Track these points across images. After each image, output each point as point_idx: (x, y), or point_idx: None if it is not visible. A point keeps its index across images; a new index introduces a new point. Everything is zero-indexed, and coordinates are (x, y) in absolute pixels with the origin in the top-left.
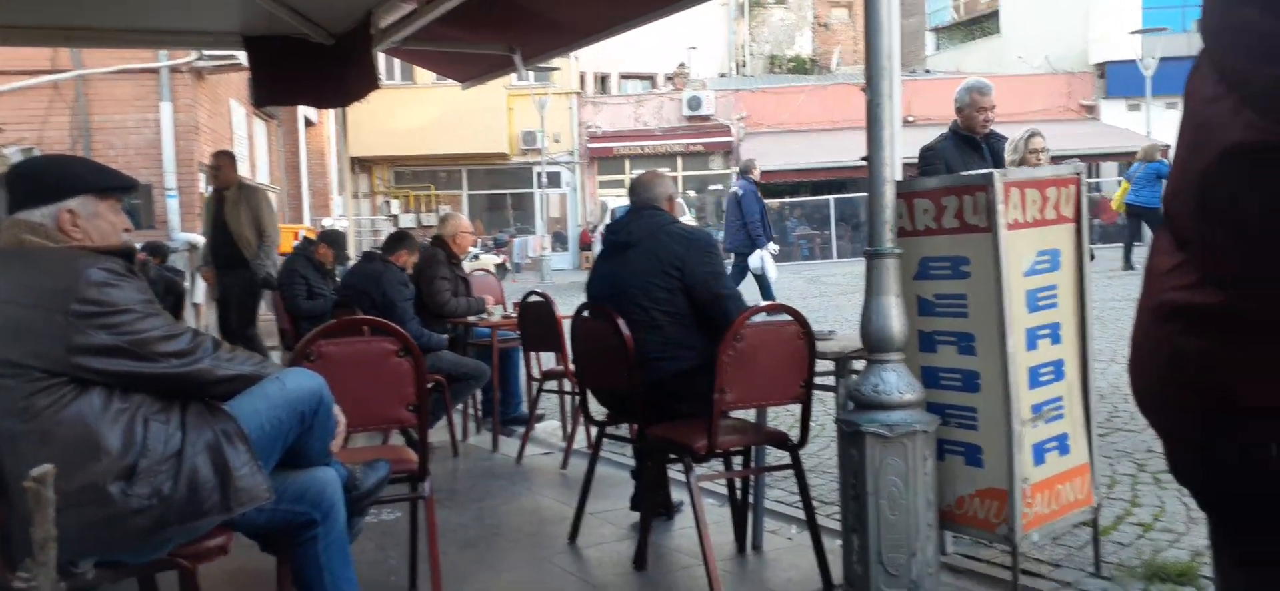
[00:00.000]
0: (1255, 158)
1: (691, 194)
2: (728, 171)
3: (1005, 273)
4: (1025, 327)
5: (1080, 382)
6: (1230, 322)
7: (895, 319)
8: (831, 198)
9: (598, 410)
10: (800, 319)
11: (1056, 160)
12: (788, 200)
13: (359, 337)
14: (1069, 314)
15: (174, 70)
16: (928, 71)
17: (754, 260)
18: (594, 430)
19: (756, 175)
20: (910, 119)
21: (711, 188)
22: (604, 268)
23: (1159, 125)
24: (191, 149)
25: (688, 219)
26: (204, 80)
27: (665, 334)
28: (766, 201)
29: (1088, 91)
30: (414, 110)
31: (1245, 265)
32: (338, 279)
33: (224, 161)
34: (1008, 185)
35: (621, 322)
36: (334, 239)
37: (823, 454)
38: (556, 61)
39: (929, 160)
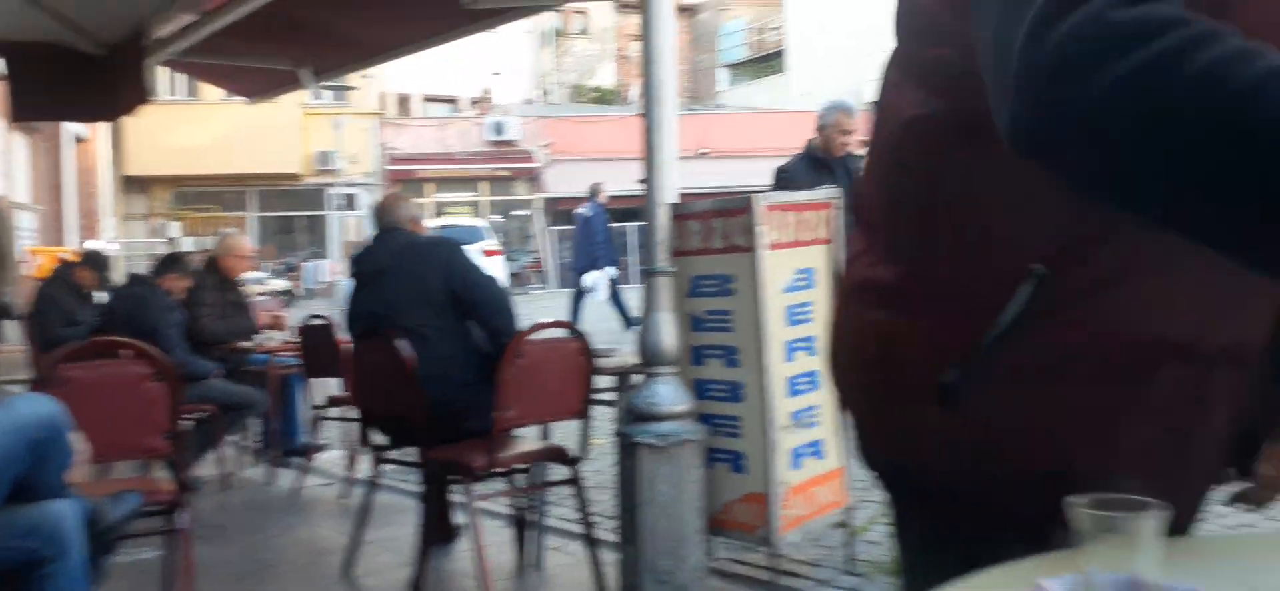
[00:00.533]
0: (922, 130)
1: (497, 219)
2: (532, 197)
3: (765, 289)
4: (784, 340)
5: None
6: (905, 295)
7: (667, 334)
8: (633, 225)
9: (380, 436)
10: (580, 335)
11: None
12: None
13: (108, 361)
14: (824, 327)
15: None
16: (721, 106)
17: (588, 279)
18: (375, 457)
19: (604, 197)
20: (706, 152)
21: (514, 213)
22: (362, 299)
23: None
24: None
25: (491, 244)
26: None
27: (438, 351)
28: (555, 229)
29: (864, 127)
30: (198, 127)
31: (918, 237)
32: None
33: None
34: (768, 208)
35: (402, 343)
36: (96, 261)
37: (612, 470)
38: (354, 80)
39: (781, 182)
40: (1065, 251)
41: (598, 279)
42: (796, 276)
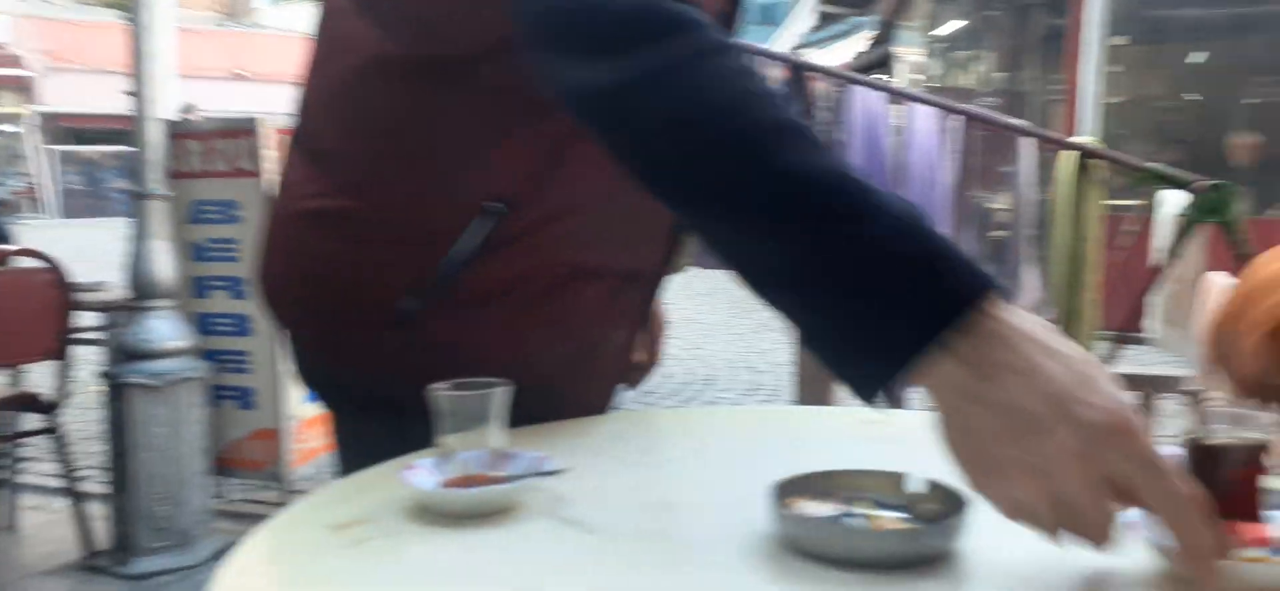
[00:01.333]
0: (384, 68)
1: None
2: (22, 110)
3: None
4: None
5: None
6: (362, 225)
7: (163, 264)
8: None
9: None
10: (53, 265)
11: None
12: (104, 148)
13: None
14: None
15: None
16: (258, 25)
17: None
18: None
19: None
20: (241, 73)
21: (3, 129)
22: None
23: None
24: None
25: None
26: None
27: None
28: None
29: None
30: None
31: (375, 171)
32: None
33: None
34: (279, 131)
35: None
36: None
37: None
38: None
39: None
40: (518, 191)
41: None
42: None
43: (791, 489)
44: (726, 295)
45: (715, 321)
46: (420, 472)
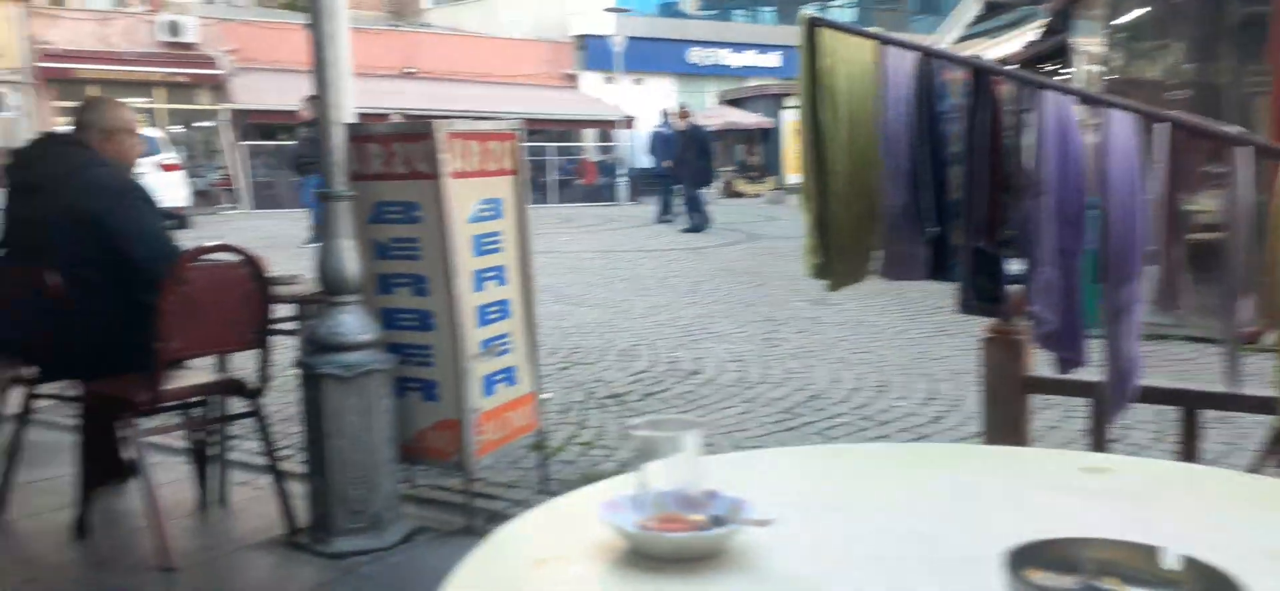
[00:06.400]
0: None
1: (177, 129)
2: (217, 107)
3: (451, 218)
4: (472, 270)
5: (525, 319)
6: None
7: (350, 262)
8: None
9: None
10: (253, 261)
11: (546, 124)
12: (285, 143)
13: None
14: (513, 258)
15: None
16: (426, 25)
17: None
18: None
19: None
20: (412, 70)
21: (198, 124)
22: (15, 211)
23: (628, 99)
24: None
25: (169, 157)
26: None
27: (96, 287)
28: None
29: (568, 61)
30: None
31: None
32: None
33: None
34: (450, 135)
35: (50, 276)
36: None
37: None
38: None
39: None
40: None
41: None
42: (482, 206)
43: (1029, 558)
44: (897, 295)
45: (884, 323)
46: (619, 510)
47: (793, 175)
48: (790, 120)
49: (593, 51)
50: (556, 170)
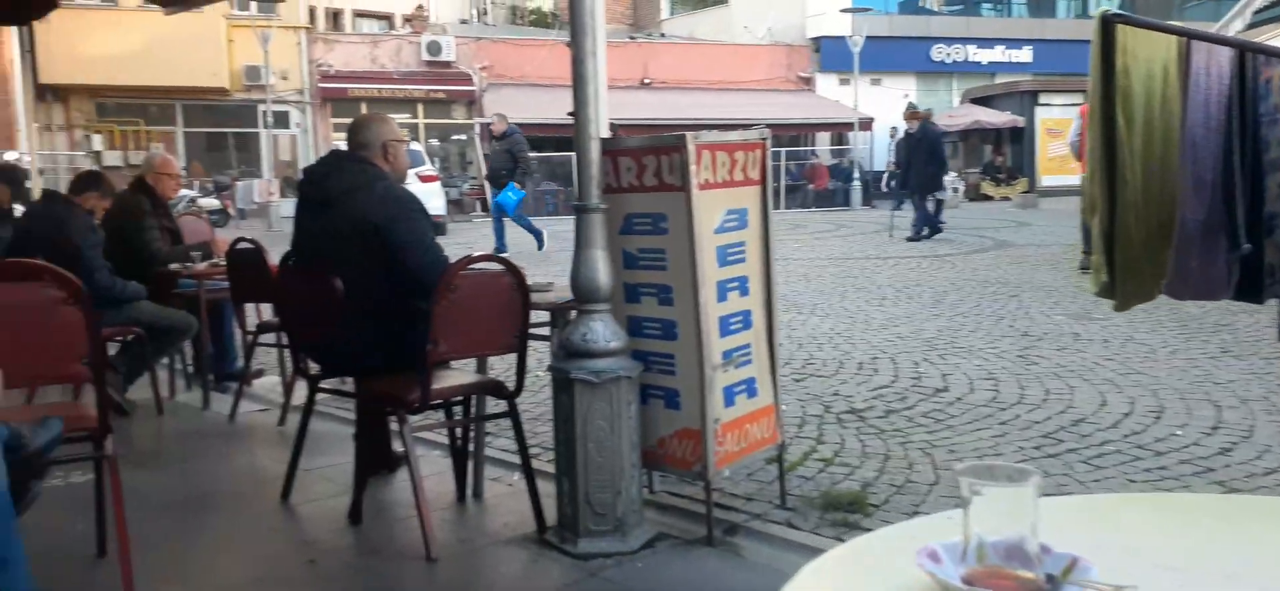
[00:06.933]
0: None
1: (434, 143)
2: (471, 121)
3: (697, 229)
4: (716, 280)
5: (767, 331)
6: None
7: (602, 271)
8: (574, 154)
9: (313, 364)
10: (514, 270)
11: (779, 128)
12: (532, 154)
13: (19, 285)
14: (757, 268)
15: None
16: (663, 35)
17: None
18: (309, 384)
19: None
20: (648, 81)
21: (455, 137)
22: (305, 223)
23: (864, 100)
24: None
25: (427, 169)
26: None
27: (374, 293)
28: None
29: (805, 64)
30: (116, 35)
31: None
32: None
33: None
34: (699, 147)
35: (335, 281)
36: (11, 176)
37: (550, 402)
38: None
39: None
40: None
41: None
42: (727, 216)
43: None
44: (1171, 311)
45: (1157, 342)
46: (941, 560)
47: (1046, 177)
48: (1044, 119)
49: (829, 53)
50: (786, 175)
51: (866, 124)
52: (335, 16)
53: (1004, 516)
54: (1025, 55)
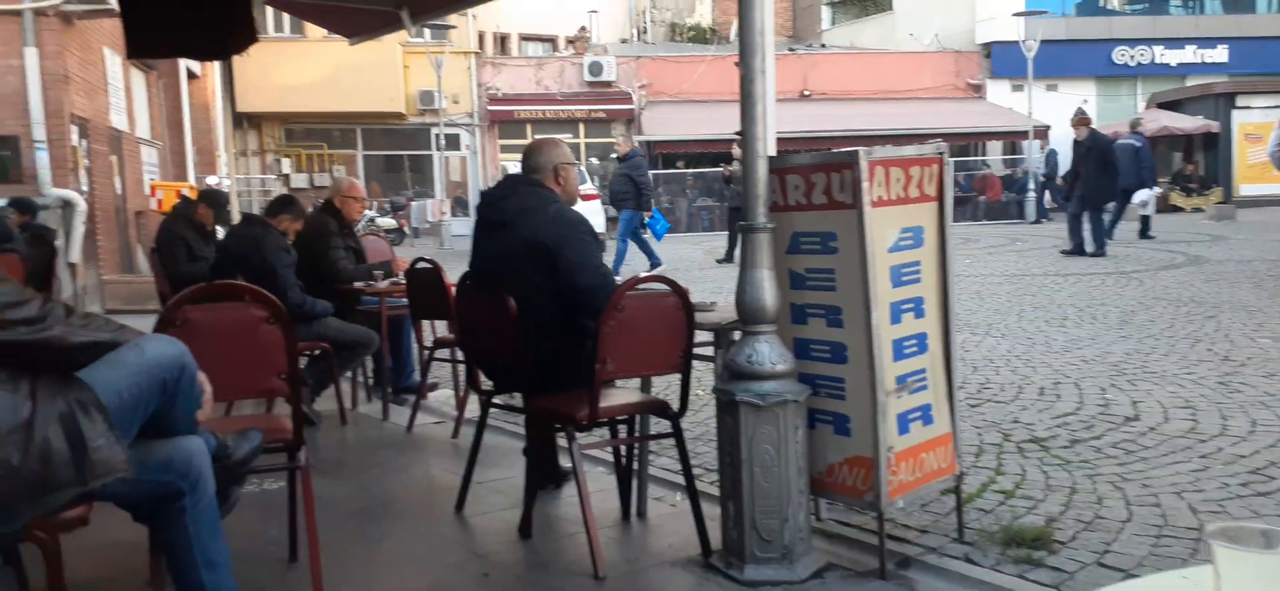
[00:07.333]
0: None
1: (594, 162)
2: (629, 141)
3: (870, 248)
4: (889, 302)
5: (943, 355)
6: None
7: (768, 292)
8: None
9: (486, 380)
10: (679, 290)
11: (946, 138)
12: (688, 170)
13: (225, 304)
14: (932, 289)
15: (38, 13)
16: (823, 46)
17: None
18: (482, 400)
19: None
20: (808, 93)
21: (613, 155)
22: (481, 245)
23: (1039, 106)
24: (61, 99)
25: (588, 188)
26: (72, 26)
27: (544, 312)
28: (653, 173)
29: (974, 71)
30: (303, 65)
31: None
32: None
33: None
34: (872, 164)
35: (508, 300)
36: (214, 199)
37: (711, 421)
38: (452, 19)
39: None
40: None
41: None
42: (902, 234)
43: None
44: None
45: None
46: None
47: (1245, 186)
48: (1242, 123)
49: (1000, 59)
50: (955, 186)
51: (1041, 132)
52: (502, 41)
53: (1258, 584)
54: (1220, 55)
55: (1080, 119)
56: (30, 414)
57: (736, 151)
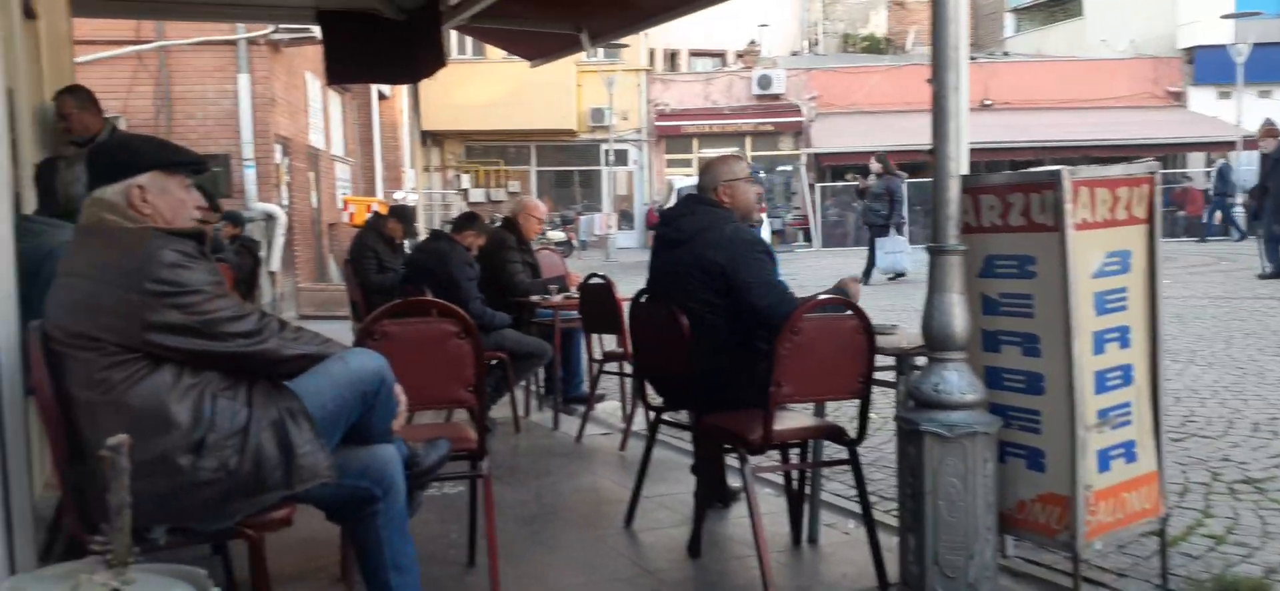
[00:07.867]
0: None
1: (761, 175)
2: (798, 152)
3: (1072, 273)
4: (1092, 331)
5: (1150, 388)
6: None
7: (958, 317)
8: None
9: (655, 396)
10: (860, 313)
11: (1141, 150)
12: (857, 183)
13: (420, 319)
14: (1139, 317)
15: (251, 43)
16: (1006, 54)
17: None
18: (652, 414)
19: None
20: (989, 102)
21: (780, 169)
22: (658, 261)
23: (1251, 114)
24: (268, 121)
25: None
26: (280, 53)
27: (718, 330)
28: (820, 186)
29: (1175, 78)
30: (484, 85)
31: None
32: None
33: (71, 104)
34: (1076, 183)
35: (682, 317)
36: (403, 214)
37: (886, 447)
38: (625, 39)
39: None
40: None
41: None
42: (1108, 259)
43: None
44: None
45: None
46: None
47: None
48: None
49: (1205, 64)
50: None
51: (1252, 143)
52: (672, 57)
53: None
54: None
55: (1268, 130)
56: (247, 420)
57: (874, 164)
